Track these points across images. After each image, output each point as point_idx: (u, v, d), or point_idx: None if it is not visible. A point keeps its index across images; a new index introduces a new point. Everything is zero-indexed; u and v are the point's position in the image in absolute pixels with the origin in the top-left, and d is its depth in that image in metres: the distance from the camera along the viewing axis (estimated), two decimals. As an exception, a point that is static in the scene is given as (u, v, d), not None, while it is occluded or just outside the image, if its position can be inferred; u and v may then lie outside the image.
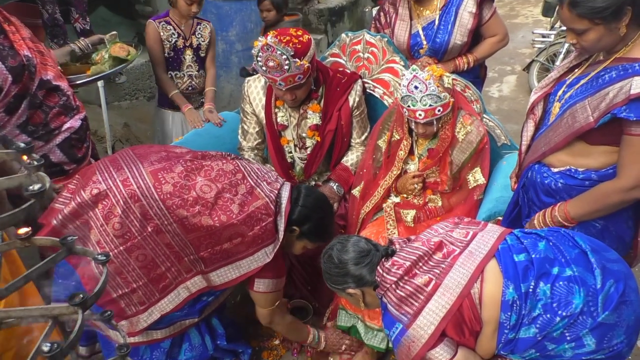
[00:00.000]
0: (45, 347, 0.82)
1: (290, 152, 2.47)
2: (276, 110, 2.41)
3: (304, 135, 2.42)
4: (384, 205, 2.33)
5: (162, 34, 2.98)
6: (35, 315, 0.97)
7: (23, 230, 1.04)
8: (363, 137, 2.51)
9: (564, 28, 5.54)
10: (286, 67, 2.05)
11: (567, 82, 1.78)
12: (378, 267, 1.54)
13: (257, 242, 1.83)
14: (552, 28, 5.94)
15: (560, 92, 1.79)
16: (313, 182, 2.52)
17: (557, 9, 5.76)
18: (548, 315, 1.36)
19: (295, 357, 2.38)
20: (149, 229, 1.75)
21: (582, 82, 1.69)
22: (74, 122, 2.23)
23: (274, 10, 3.47)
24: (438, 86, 2.02)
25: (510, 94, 5.65)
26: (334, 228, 2.14)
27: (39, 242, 1.16)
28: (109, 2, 4.82)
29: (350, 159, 2.49)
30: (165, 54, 3.03)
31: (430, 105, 2.03)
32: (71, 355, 0.85)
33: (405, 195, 2.33)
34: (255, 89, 2.44)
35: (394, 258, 1.51)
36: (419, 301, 1.42)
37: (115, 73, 3.34)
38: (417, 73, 2.00)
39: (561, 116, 1.71)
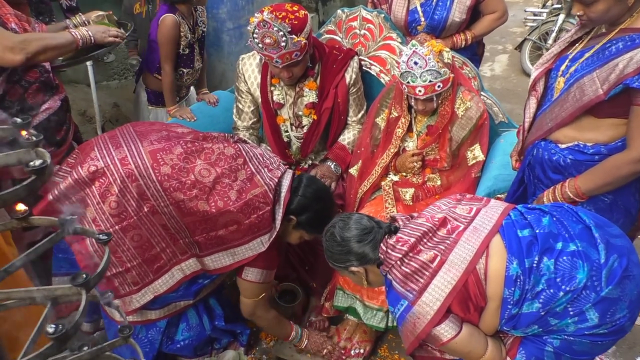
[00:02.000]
0: (50, 329, 0.81)
1: (287, 131, 2.43)
2: (272, 88, 2.36)
3: (300, 113, 2.38)
4: (382, 183, 2.31)
5: (182, 29, 2.74)
6: (37, 296, 0.94)
7: (21, 207, 1.01)
8: (360, 115, 2.47)
9: (556, 6, 5.55)
10: (283, 43, 2.00)
11: (570, 57, 1.76)
12: (381, 244, 1.52)
13: (253, 230, 1.80)
14: (544, 6, 5.91)
15: (563, 67, 1.77)
16: (310, 162, 2.49)
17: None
18: (551, 290, 1.35)
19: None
20: (145, 210, 1.72)
21: (587, 55, 1.68)
22: (53, 103, 2.15)
23: None
24: (438, 62, 1.99)
25: (503, 73, 5.64)
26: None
27: (37, 222, 1.12)
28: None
29: (347, 137, 2.46)
30: (181, 52, 2.82)
31: (430, 81, 2.00)
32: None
33: (404, 174, 2.31)
34: (250, 66, 2.39)
35: (398, 235, 1.50)
36: (424, 277, 1.41)
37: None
38: (416, 49, 1.97)
39: (567, 90, 1.69)
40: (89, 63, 3.09)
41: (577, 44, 1.78)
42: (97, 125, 3.50)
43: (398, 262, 1.45)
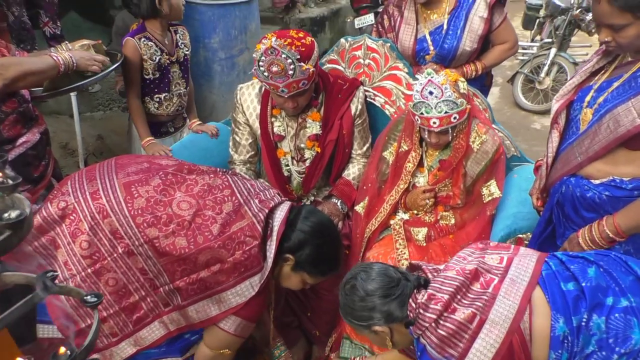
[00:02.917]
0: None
1: (287, 165, 2.27)
2: (272, 119, 2.20)
3: (302, 146, 2.22)
4: (392, 222, 2.15)
5: (143, 53, 2.57)
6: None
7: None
8: (365, 148, 2.33)
9: (546, 40, 5.58)
10: (291, 72, 1.85)
11: (595, 87, 1.65)
12: (410, 301, 1.34)
13: (240, 270, 1.57)
14: (532, 40, 5.95)
15: (588, 98, 1.66)
16: (312, 198, 2.32)
17: (537, 22, 5.79)
18: (604, 353, 1.19)
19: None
20: (120, 250, 1.52)
21: (616, 84, 1.57)
22: (32, 136, 1.97)
23: None
24: (454, 92, 1.86)
25: (495, 105, 5.59)
26: (340, 261, 1.84)
27: (10, 280, 0.94)
28: (81, 6, 4.55)
29: (352, 172, 2.30)
30: (150, 76, 2.63)
31: (446, 112, 1.86)
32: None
33: (415, 212, 2.15)
34: (249, 96, 2.24)
35: (429, 291, 1.32)
36: (463, 341, 1.23)
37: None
38: (432, 77, 1.84)
39: (598, 122, 1.58)
40: (72, 93, 2.90)
41: (599, 74, 1.69)
42: (80, 159, 3.30)
43: (433, 324, 1.27)
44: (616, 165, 1.59)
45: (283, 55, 1.83)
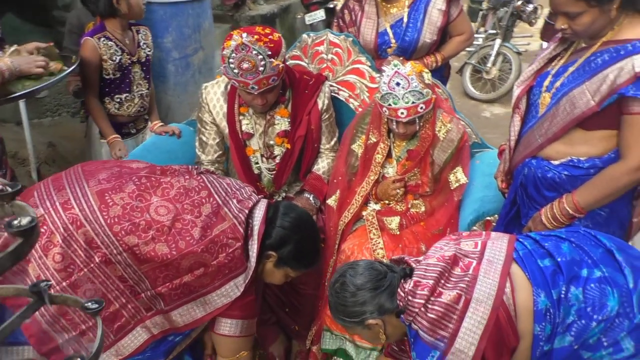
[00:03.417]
0: None
1: (257, 163, 2.26)
2: (240, 117, 2.19)
3: (271, 143, 2.22)
4: (364, 213, 2.19)
5: (103, 53, 2.52)
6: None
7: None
8: (332, 143, 2.35)
9: (491, 31, 5.80)
10: (261, 68, 1.85)
11: (552, 72, 1.75)
12: (399, 290, 1.38)
13: (224, 272, 1.56)
14: (476, 32, 6.16)
15: (546, 83, 1.76)
16: (283, 194, 2.33)
17: (481, 14, 6.01)
18: (583, 321, 1.26)
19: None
20: (97, 260, 1.47)
21: (571, 69, 1.67)
22: None
23: None
24: (419, 82, 1.92)
25: (446, 96, 5.77)
26: (321, 252, 1.88)
27: (0, 293, 0.90)
28: (20, 7, 4.32)
29: (322, 166, 2.33)
30: (110, 76, 2.59)
31: (413, 102, 1.92)
32: None
33: (386, 202, 2.20)
34: (214, 95, 2.22)
35: (415, 278, 1.37)
36: (452, 322, 1.28)
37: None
38: (399, 69, 1.89)
39: (556, 105, 1.67)
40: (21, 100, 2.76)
41: (556, 60, 1.78)
42: (32, 168, 3.15)
43: (422, 309, 1.31)
44: (573, 146, 1.68)
45: (254, 52, 1.82)
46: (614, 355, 1.26)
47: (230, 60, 1.85)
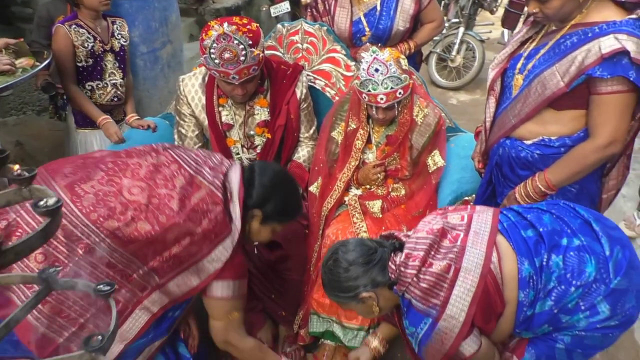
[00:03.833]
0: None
1: (238, 154, 2.28)
2: (220, 109, 2.20)
3: (252, 133, 2.24)
4: (347, 199, 2.24)
5: (75, 39, 2.56)
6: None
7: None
8: (312, 131, 2.39)
9: (454, 20, 5.92)
10: (242, 57, 1.86)
11: (525, 55, 1.82)
12: (390, 264, 1.44)
13: (210, 237, 1.56)
14: (441, 21, 6.28)
15: (519, 65, 1.83)
16: (265, 183, 2.35)
17: (443, 3, 6.12)
18: (563, 287, 1.35)
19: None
20: (80, 252, 1.44)
21: (542, 51, 1.74)
22: None
23: None
24: (397, 68, 1.97)
25: (413, 85, 5.87)
26: (301, 200, 1.92)
27: (6, 281, 0.90)
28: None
29: (302, 155, 2.36)
30: (82, 63, 2.62)
31: (391, 88, 1.97)
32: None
33: (367, 187, 2.25)
34: (192, 87, 2.21)
35: (406, 251, 1.43)
36: (443, 290, 1.35)
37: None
38: (377, 55, 1.93)
39: (528, 86, 1.74)
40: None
41: (528, 43, 1.85)
42: (0, 168, 3.06)
43: (414, 279, 1.38)
44: (545, 126, 1.76)
45: (235, 42, 1.83)
46: (590, 318, 1.35)
47: (212, 50, 1.86)
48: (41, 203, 0.65)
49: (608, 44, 1.52)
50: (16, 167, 0.73)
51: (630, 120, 1.65)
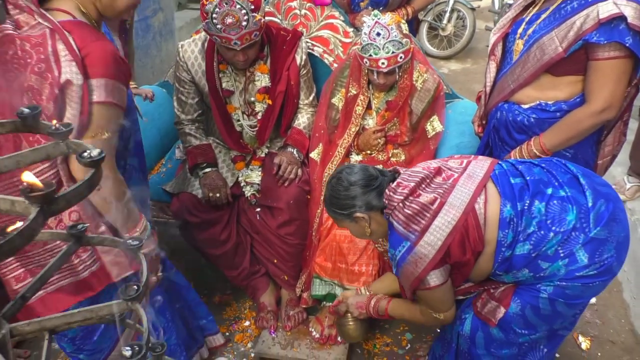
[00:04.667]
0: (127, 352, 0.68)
1: (239, 120, 2.28)
2: (220, 75, 2.19)
3: (252, 99, 2.24)
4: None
5: None
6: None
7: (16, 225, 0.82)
8: (311, 98, 2.39)
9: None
10: (244, 22, 1.86)
11: (527, 19, 1.83)
12: (386, 191, 1.54)
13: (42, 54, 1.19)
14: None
15: (520, 30, 1.85)
16: (266, 150, 2.37)
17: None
18: (542, 232, 1.42)
19: (273, 335, 2.26)
20: None
21: (543, 16, 1.75)
22: None
23: None
24: (399, 32, 1.98)
25: (404, 54, 5.87)
26: None
27: (38, 238, 0.93)
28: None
29: (302, 121, 2.37)
30: None
31: (393, 52, 1.98)
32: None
33: (368, 152, 2.28)
34: (192, 53, 2.20)
35: (399, 180, 1.53)
36: (425, 219, 1.44)
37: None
38: (379, 19, 1.94)
39: (527, 51, 1.76)
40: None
41: (531, 8, 1.87)
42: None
43: (400, 204, 1.48)
44: (542, 91, 1.79)
45: (237, 6, 1.82)
46: (569, 266, 1.42)
47: (214, 15, 1.85)
48: (85, 154, 0.67)
49: (606, 9, 1.54)
50: (54, 121, 0.74)
51: (627, 87, 1.68)
